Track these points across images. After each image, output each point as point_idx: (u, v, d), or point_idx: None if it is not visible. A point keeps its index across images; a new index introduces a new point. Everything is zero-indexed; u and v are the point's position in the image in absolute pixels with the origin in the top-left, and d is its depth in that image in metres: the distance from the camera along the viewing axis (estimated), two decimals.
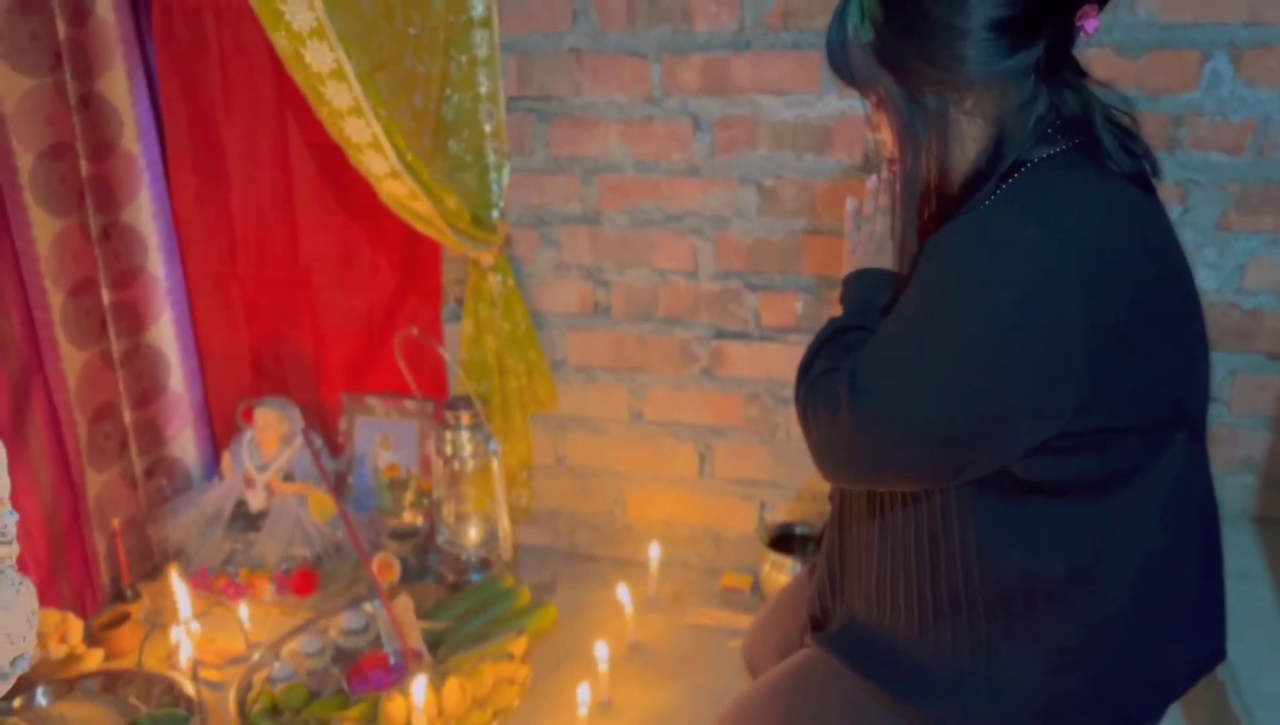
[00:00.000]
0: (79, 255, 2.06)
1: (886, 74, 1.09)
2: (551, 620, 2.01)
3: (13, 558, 1.33)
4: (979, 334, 1.00)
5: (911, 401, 1.03)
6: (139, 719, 1.78)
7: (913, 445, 1.04)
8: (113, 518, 2.16)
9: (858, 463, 1.10)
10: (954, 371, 1.01)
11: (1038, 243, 0.98)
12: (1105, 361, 0.99)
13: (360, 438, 2.40)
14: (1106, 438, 1.03)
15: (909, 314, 1.06)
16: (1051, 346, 0.98)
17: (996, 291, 0.99)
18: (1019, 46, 1.03)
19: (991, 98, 1.07)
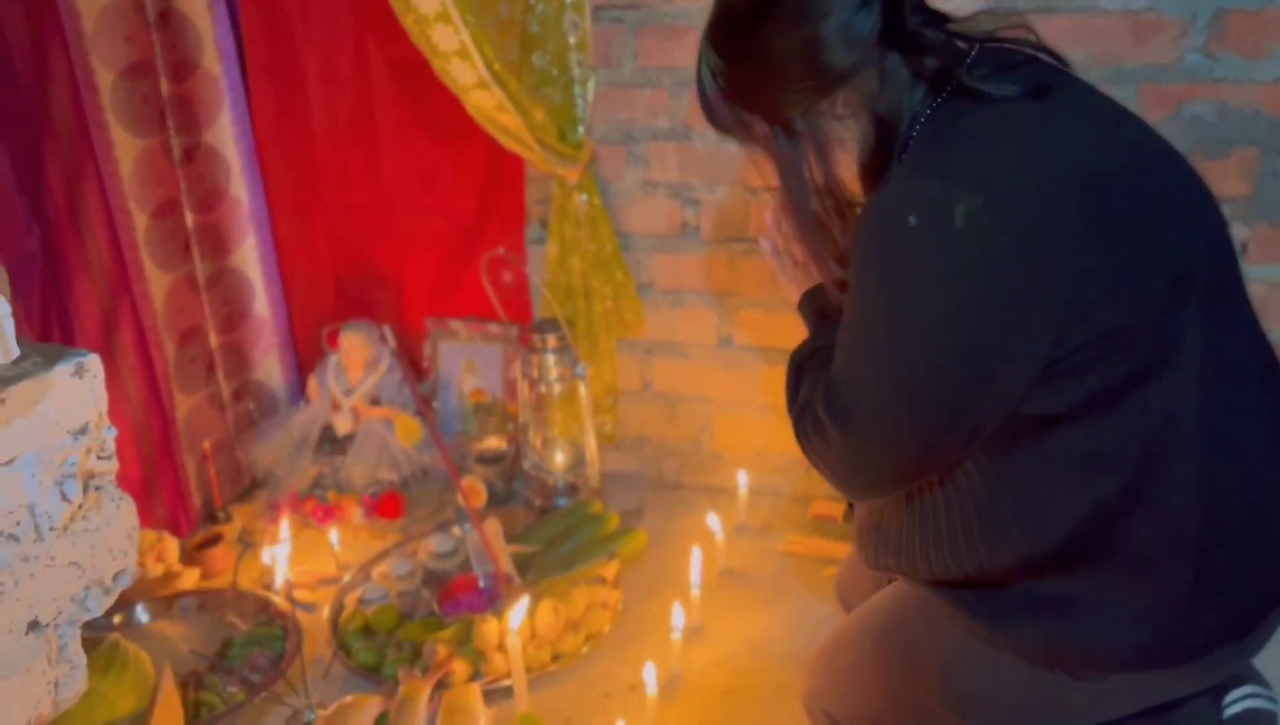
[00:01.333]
0: (162, 177, 2.05)
1: (750, 115, 1.11)
2: (642, 545, 1.98)
3: (112, 473, 1.32)
4: (913, 312, 0.99)
5: (883, 404, 1.02)
6: (235, 636, 1.79)
7: (907, 442, 1.03)
8: (202, 440, 2.17)
9: (871, 475, 1.08)
10: (907, 358, 1.00)
11: (942, 196, 0.96)
12: (1062, 279, 0.96)
13: (445, 362, 2.37)
14: (1103, 345, 0.98)
15: (849, 320, 1.05)
16: (992, 291, 0.96)
17: (915, 260, 0.98)
18: (864, 25, 1.03)
19: (856, 91, 1.06)
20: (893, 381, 1.01)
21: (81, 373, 1.23)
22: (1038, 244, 0.96)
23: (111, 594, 1.35)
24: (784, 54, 1.06)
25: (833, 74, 1.06)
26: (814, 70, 1.06)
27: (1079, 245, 0.97)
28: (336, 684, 1.71)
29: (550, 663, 1.70)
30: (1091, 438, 1.02)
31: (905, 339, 1.00)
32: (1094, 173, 1.00)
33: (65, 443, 1.22)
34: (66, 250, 1.87)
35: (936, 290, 0.98)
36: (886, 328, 1.01)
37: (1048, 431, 1.03)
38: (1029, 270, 0.96)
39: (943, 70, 1.05)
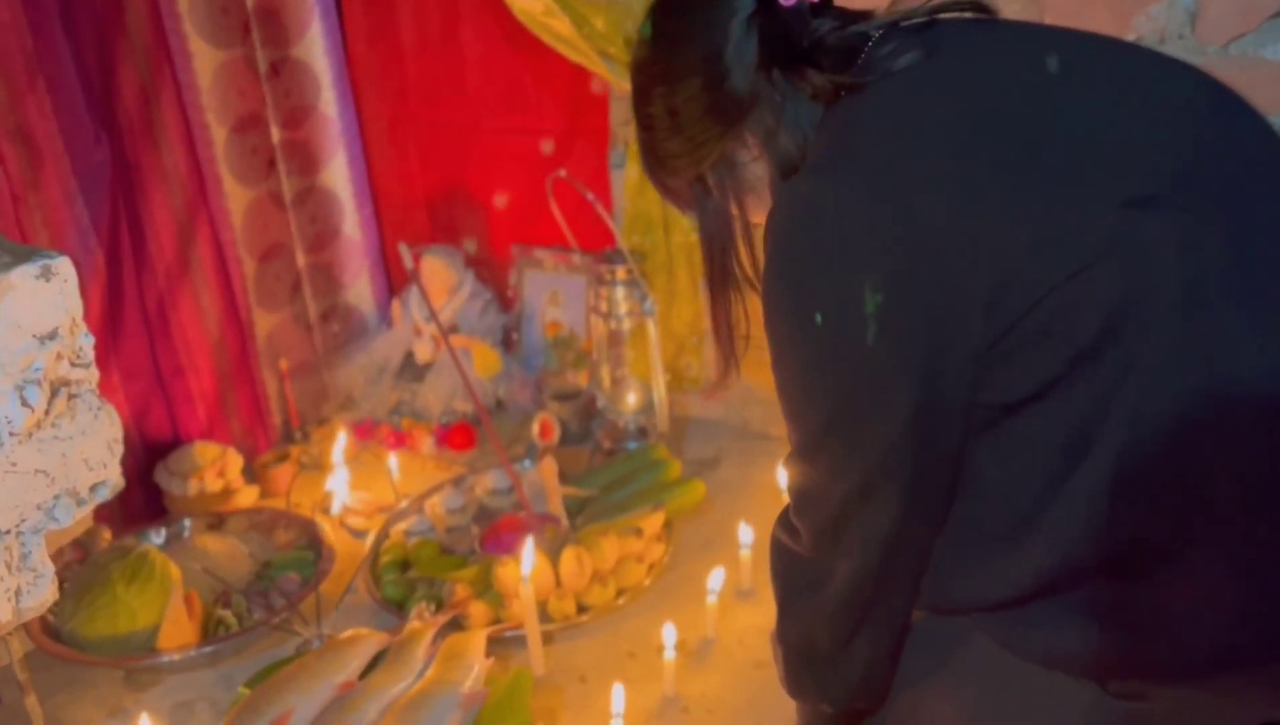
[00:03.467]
0: (244, 90, 2.02)
1: (671, 179, 1.07)
2: (697, 497, 1.82)
3: (91, 381, 1.27)
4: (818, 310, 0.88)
5: (837, 427, 0.92)
6: (274, 558, 1.77)
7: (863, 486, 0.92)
8: (284, 359, 2.16)
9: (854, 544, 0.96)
10: (839, 367, 0.89)
11: (813, 192, 0.89)
12: (961, 244, 0.83)
13: (530, 292, 2.28)
14: (1050, 305, 0.83)
15: (775, 363, 0.97)
16: (896, 271, 0.85)
17: (804, 262, 0.89)
18: (746, 49, 0.96)
19: (756, 127, 0.99)
20: (834, 396, 0.91)
21: (49, 275, 1.18)
22: (937, 218, 0.84)
23: (86, 505, 1.31)
24: (680, 103, 1.00)
25: (735, 108, 0.98)
26: (710, 110, 0.99)
27: (982, 208, 0.84)
28: (361, 615, 1.66)
29: (576, 614, 1.59)
30: (1069, 413, 0.85)
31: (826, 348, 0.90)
32: (995, 121, 0.87)
33: (28, 347, 1.18)
34: (140, 162, 1.87)
35: (835, 287, 0.87)
36: (798, 344, 0.92)
37: (1020, 415, 0.87)
38: (931, 249, 0.84)
39: (831, 79, 0.95)
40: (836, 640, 1.01)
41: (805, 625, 1.03)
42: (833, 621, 1.00)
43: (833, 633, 1.01)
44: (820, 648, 1.02)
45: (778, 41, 0.96)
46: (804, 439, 0.95)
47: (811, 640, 1.03)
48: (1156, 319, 0.82)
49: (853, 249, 0.86)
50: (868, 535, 0.94)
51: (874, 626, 0.99)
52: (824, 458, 0.94)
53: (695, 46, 0.98)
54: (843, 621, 0.99)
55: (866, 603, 0.97)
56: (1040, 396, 0.86)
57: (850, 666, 1.02)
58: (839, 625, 1.00)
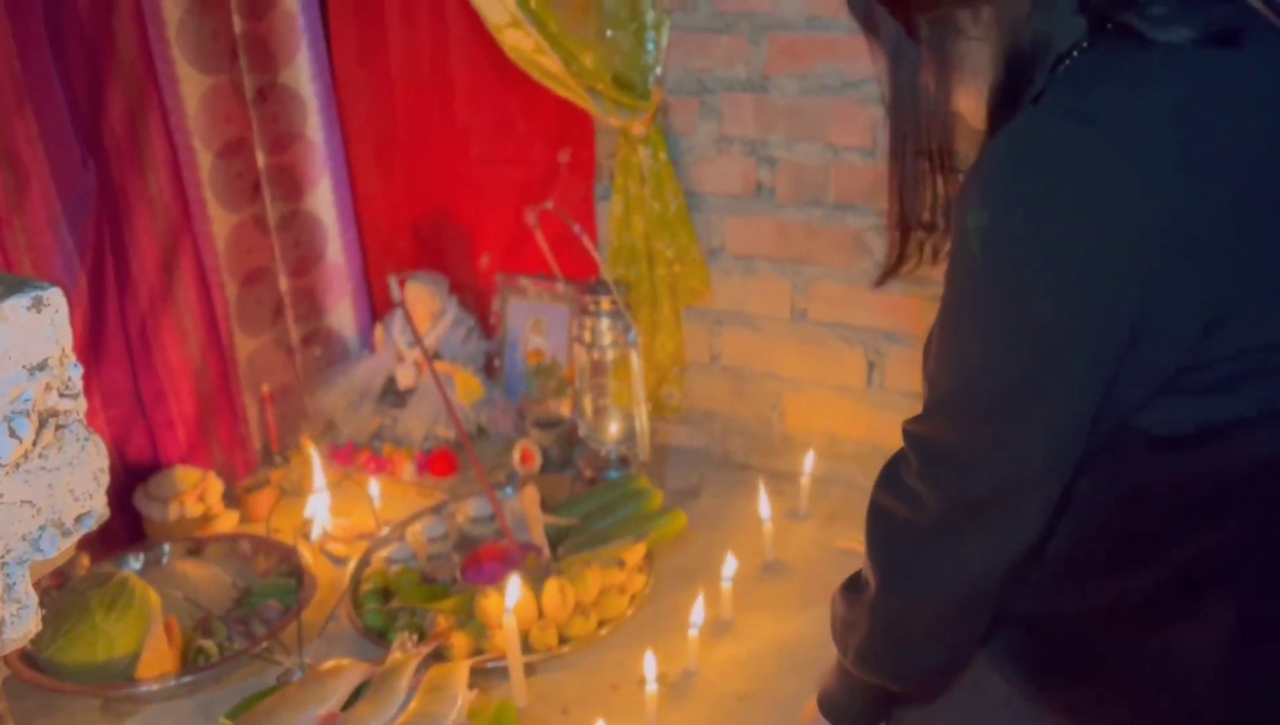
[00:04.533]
0: (231, 115, 2.02)
1: (879, 3, 0.91)
2: (679, 528, 1.84)
3: (79, 412, 1.27)
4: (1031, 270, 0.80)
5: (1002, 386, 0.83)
6: (255, 584, 1.76)
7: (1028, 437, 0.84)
8: (264, 383, 2.16)
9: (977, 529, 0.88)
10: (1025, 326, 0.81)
11: (1079, 142, 0.78)
12: (1213, 265, 0.77)
13: (513, 320, 2.29)
14: (1258, 360, 0.78)
15: (948, 301, 0.87)
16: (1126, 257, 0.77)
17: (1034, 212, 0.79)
18: None
19: (1000, 10, 0.86)
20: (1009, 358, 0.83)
21: (40, 306, 1.18)
22: (1186, 218, 0.77)
23: (71, 536, 1.30)
24: None
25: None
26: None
27: (1240, 226, 0.77)
28: (342, 644, 1.66)
29: (558, 645, 1.60)
30: (1214, 473, 0.82)
31: (1020, 306, 0.81)
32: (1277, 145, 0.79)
33: (17, 378, 1.18)
34: (126, 186, 1.87)
35: (1061, 244, 0.78)
36: (998, 294, 0.82)
37: (1165, 456, 0.84)
38: (1172, 246, 0.77)
39: (1108, 4, 0.83)
40: (938, 627, 0.94)
41: (908, 604, 0.94)
42: (944, 607, 0.92)
43: (940, 619, 0.94)
44: (915, 631, 0.95)
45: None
46: (968, 398, 0.86)
47: (907, 621, 0.95)
48: None
49: (1097, 213, 0.77)
50: (1010, 525, 0.86)
51: (976, 619, 0.92)
52: (993, 422, 0.85)
53: None
54: (954, 611, 0.92)
55: (986, 594, 0.90)
56: (1195, 443, 0.82)
57: (939, 654, 0.95)
58: (949, 614, 0.93)
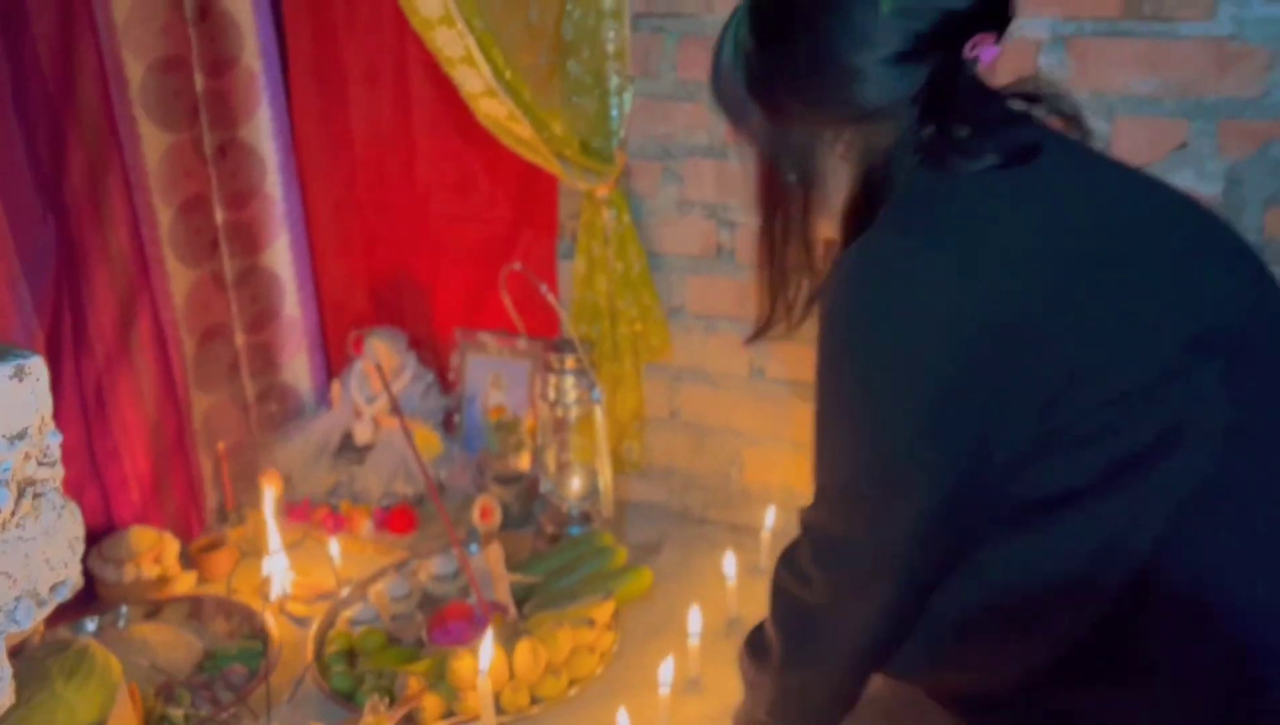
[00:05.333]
0: (191, 172, 2.02)
1: (755, 107, 1.05)
2: (645, 585, 1.86)
3: (57, 480, 1.26)
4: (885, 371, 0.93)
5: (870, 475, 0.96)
6: (217, 648, 1.74)
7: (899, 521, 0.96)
8: (219, 440, 2.14)
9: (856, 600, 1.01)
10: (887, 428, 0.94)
11: (913, 254, 0.91)
12: (1043, 347, 0.89)
13: (472, 375, 2.30)
14: (1105, 417, 0.89)
15: (820, 400, 1.00)
16: (965, 351, 0.90)
17: (880, 321, 0.92)
18: (902, 79, 0.97)
19: (865, 141, 1.01)
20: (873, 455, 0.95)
21: (22, 375, 1.17)
22: (1009, 312, 0.89)
23: (46, 606, 1.29)
24: (817, 65, 1.00)
25: (853, 110, 1.00)
26: (837, 97, 1.00)
27: (1058, 312, 0.89)
28: (310, 708, 1.64)
29: (529, 706, 1.61)
30: (1097, 523, 0.91)
31: (873, 408, 0.94)
32: (1084, 237, 0.93)
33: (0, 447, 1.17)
34: (84, 242, 1.85)
35: (906, 348, 0.91)
36: (854, 398, 0.95)
37: (1046, 516, 0.91)
38: (1001, 337, 0.89)
39: (934, 139, 0.98)
40: (838, 688, 1.07)
41: (810, 672, 1.08)
42: (840, 672, 1.06)
43: (838, 683, 1.07)
44: (816, 696, 1.09)
45: (944, 84, 0.97)
46: (844, 488, 0.98)
47: (809, 688, 1.09)
48: (1197, 450, 0.89)
49: (933, 316, 0.89)
50: (889, 600, 0.98)
51: (868, 674, 1.06)
52: (863, 511, 0.96)
53: (882, 31, 0.96)
54: (853, 675, 1.06)
55: (877, 659, 1.03)
56: (1067, 501, 0.91)
57: (839, 709, 1.09)
58: (845, 678, 1.06)
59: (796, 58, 1.00)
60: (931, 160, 0.97)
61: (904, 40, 0.96)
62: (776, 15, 1.02)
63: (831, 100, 1.00)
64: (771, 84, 1.03)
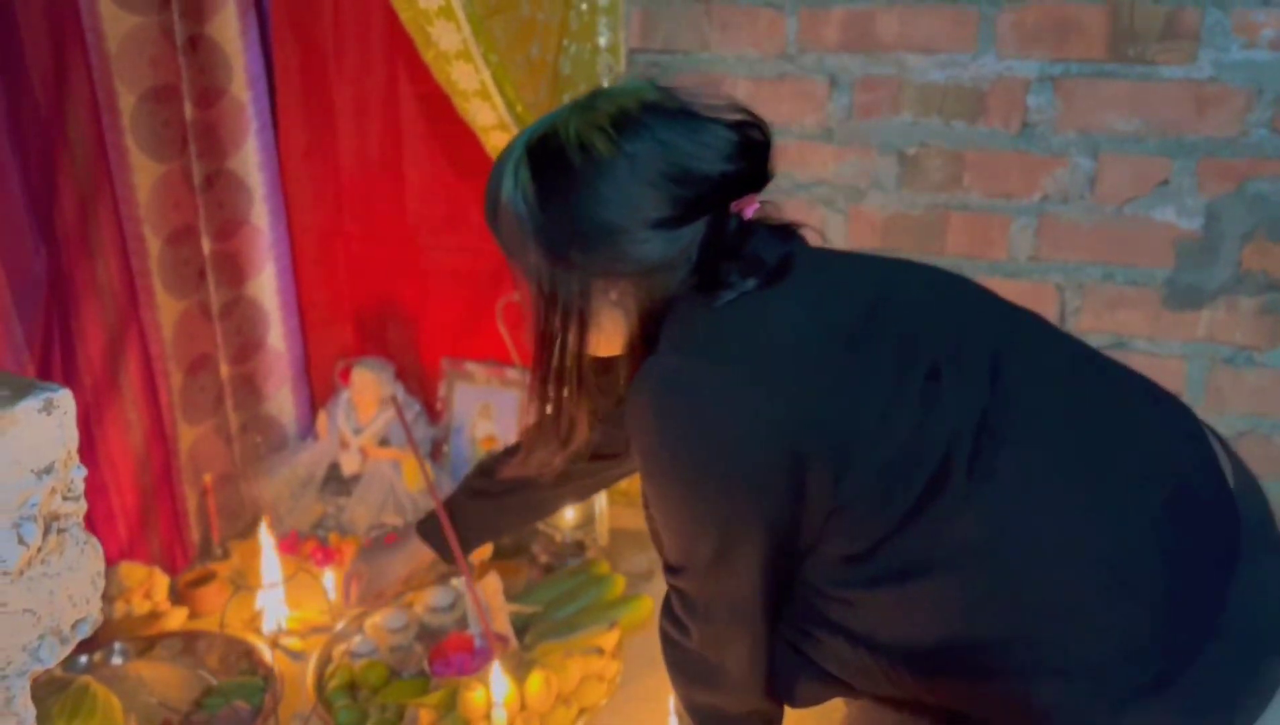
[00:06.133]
0: (180, 202, 2.00)
1: (533, 245, 1.09)
2: (646, 613, 1.87)
3: (79, 515, 1.24)
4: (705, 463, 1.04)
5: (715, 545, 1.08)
6: (215, 685, 1.71)
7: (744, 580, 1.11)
8: (205, 473, 2.11)
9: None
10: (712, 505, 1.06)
11: (689, 368, 1.04)
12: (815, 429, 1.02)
13: (460, 405, 2.30)
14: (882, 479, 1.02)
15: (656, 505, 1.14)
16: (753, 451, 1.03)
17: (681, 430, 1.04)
18: (673, 241, 1.06)
19: (639, 290, 1.09)
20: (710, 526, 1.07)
21: (50, 409, 1.16)
22: (793, 401, 1.01)
23: (69, 644, 1.27)
24: (589, 222, 1.06)
25: (625, 266, 1.08)
26: (609, 253, 1.07)
27: (825, 395, 1.02)
28: None
29: None
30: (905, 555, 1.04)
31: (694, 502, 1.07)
32: (833, 326, 1.06)
33: (27, 483, 1.15)
34: (75, 274, 1.82)
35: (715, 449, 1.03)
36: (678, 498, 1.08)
37: (863, 564, 1.06)
38: (788, 425, 1.01)
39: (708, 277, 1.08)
40: (743, 708, 1.21)
41: (710, 702, 1.21)
42: (735, 698, 1.20)
43: (737, 706, 1.21)
44: (730, 714, 1.22)
45: (712, 240, 1.08)
46: (692, 562, 1.11)
47: (720, 710, 1.22)
48: (960, 464, 1.01)
49: (727, 419, 1.02)
50: (754, 631, 1.13)
51: (763, 689, 1.18)
52: (712, 576, 1.10)
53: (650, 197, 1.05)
54: (744, 697, 1.19)
55: (755, 681, 1.17)
56: (874, 551, 1.04)
57: (761, 720, 1.23)
58: (742, 700, 1.20)
59: (571, 211, 1.06)
60: (701, 291, 1.08)
61: (671, 206, 1.05)
62: (553, 167, 1.07)
63: (604, 256, 1.08)
64: (548, 228, 1.08)
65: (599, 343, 1.15)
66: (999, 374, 1.05)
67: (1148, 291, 1.76)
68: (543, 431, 1.25)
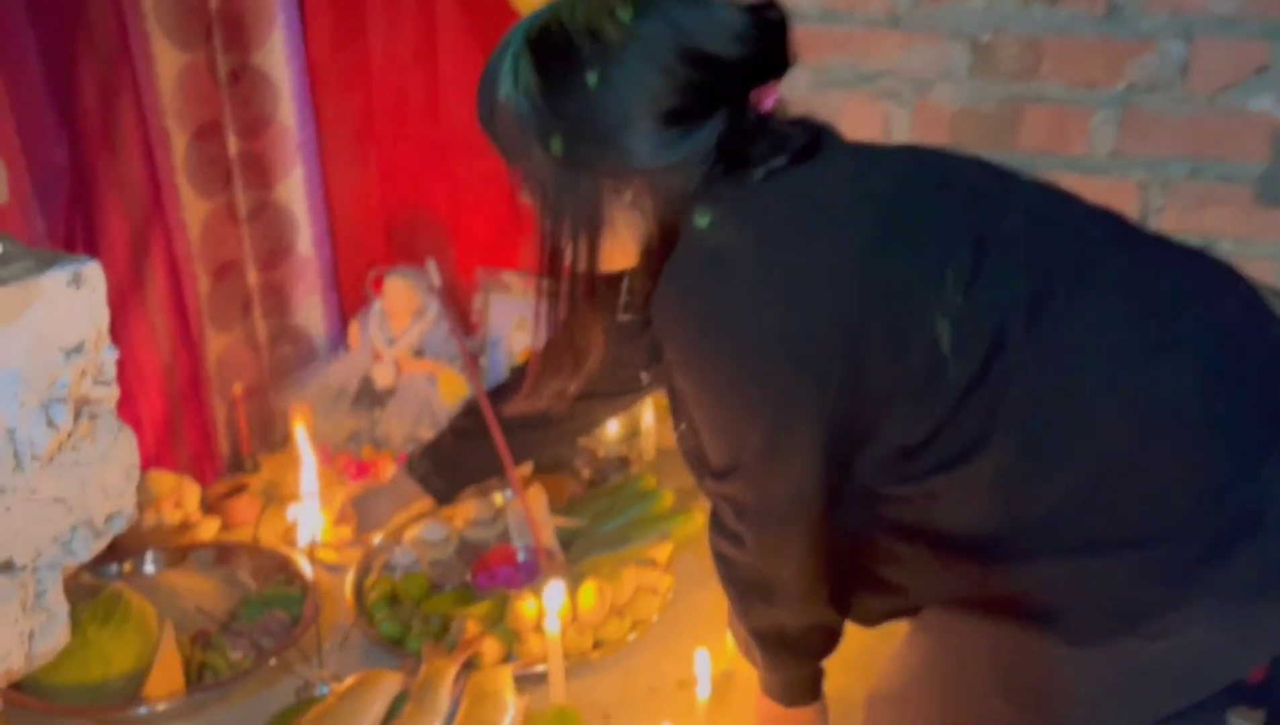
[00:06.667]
0: (205, 96, 1.89)
1: (538, 146, 1.00)
2: (697, 528, 1.79)
3: (111, 401, 1.16)
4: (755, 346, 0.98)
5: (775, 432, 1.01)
6: (250, 595, 1.64)
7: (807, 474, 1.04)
8: (233, 383, 2.03)
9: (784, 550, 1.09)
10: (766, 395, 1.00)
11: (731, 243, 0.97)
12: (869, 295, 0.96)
13: (496, 317, 2.21)
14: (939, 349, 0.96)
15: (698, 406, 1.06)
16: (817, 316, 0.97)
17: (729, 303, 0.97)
18: (689, 136, 0.99)
19: (655, 190, 1.01)
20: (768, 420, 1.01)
21: (79, 282, 1.07)
22: (840, 266, 0.96)
23: (103, 538, 1.19)
24: (599, 116, 0.98)
25: (638, 163, 0.99)
26: (621, 150, 0.99)
27: (881, 257, 0.96)
28: (355, 655, 1.56)
29: (591, 650, 1.54)
30: (964, 433, 0.97)
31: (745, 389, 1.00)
32: (877, 195, 1.00)
33: (55, 361, 1.06)
34: (97, 167, 1.72)
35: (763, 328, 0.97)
36: (725, 387, 1.01)
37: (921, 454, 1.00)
38: (840, 297, 0.96)
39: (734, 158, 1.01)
40: (805, 621, 1.14)
41: (769, 618, 1.15)
42: (796, 611, 1.13)
43: (798, 620, 1.14)
44: (791, 630, 1.16)
45: (732, 135, 1.00)
46: (742, 458, 1.03)
47: (781, 626, 1.15)
48: (1017, 327, 0.95)
49: (778, 290, 0.95)
50: (812, 527, 1.06)
51: (824, 598, 1.12)
52: (766, 473, 1.03)
53: (664, 86, 0.97)
54: (805, 608, 1.13)
55: (815, 590, 1.11)
56: (934, 436, 0.98)
57: (820, 635, 1.17)
58: (804, 612, 1.13)
59: (579, 103, 0.98)
60: (727, 176, 1.00)
61: (686, 94, 0.97)
62: (558, 58, 0.99)
63: (616, 152, 0.99)
64: (554, 125, 0.99)
65: (612, 252, 1.06)
66: (1048, 239, 1.01)
67: (1239, 188, 1.65)
68: (553, 355, 1.16)
